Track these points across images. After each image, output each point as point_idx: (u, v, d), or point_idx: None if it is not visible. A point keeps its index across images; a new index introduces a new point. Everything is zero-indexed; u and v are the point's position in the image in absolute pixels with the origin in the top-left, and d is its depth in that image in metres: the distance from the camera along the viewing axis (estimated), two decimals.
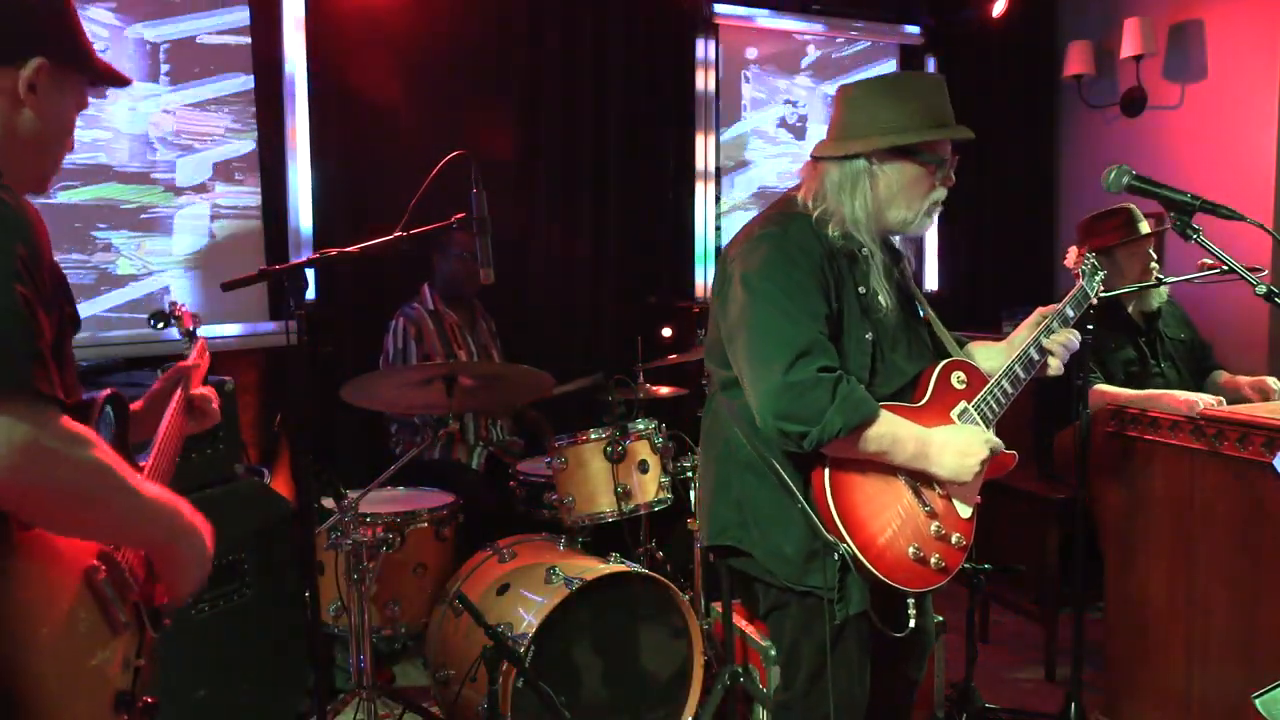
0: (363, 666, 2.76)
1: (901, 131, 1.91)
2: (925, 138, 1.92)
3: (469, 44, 4.16)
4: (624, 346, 3.76)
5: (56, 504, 1.14)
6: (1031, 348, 2.11)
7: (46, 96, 1.29)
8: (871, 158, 1.94)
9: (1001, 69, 5.28)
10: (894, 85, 2.00)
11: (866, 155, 1.93)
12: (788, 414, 1.80)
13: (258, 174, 3.82)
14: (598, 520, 3.02)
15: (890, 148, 1.92)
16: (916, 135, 1.92)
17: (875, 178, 1.94)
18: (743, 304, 1.91)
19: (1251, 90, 4.35)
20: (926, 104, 1.94)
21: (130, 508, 1.23)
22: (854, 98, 1.99)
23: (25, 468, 1.07)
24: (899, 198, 1.96)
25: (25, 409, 1.07)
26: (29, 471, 1.08)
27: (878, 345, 1.96)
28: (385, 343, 3.68)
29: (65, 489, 1.13)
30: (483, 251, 2.28)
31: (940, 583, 1.93)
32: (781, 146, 4.94)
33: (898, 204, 1.97)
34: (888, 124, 1.92)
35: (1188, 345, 3.39)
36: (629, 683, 2.78)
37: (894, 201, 1.96)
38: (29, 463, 1.07)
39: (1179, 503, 2.53)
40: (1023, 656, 3.63)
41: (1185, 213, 2.04)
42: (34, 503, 1.12)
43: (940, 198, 2.00)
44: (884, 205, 1.96)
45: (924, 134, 1.92)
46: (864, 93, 1.98)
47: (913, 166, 1.95)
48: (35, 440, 1.07)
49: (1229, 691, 2.40)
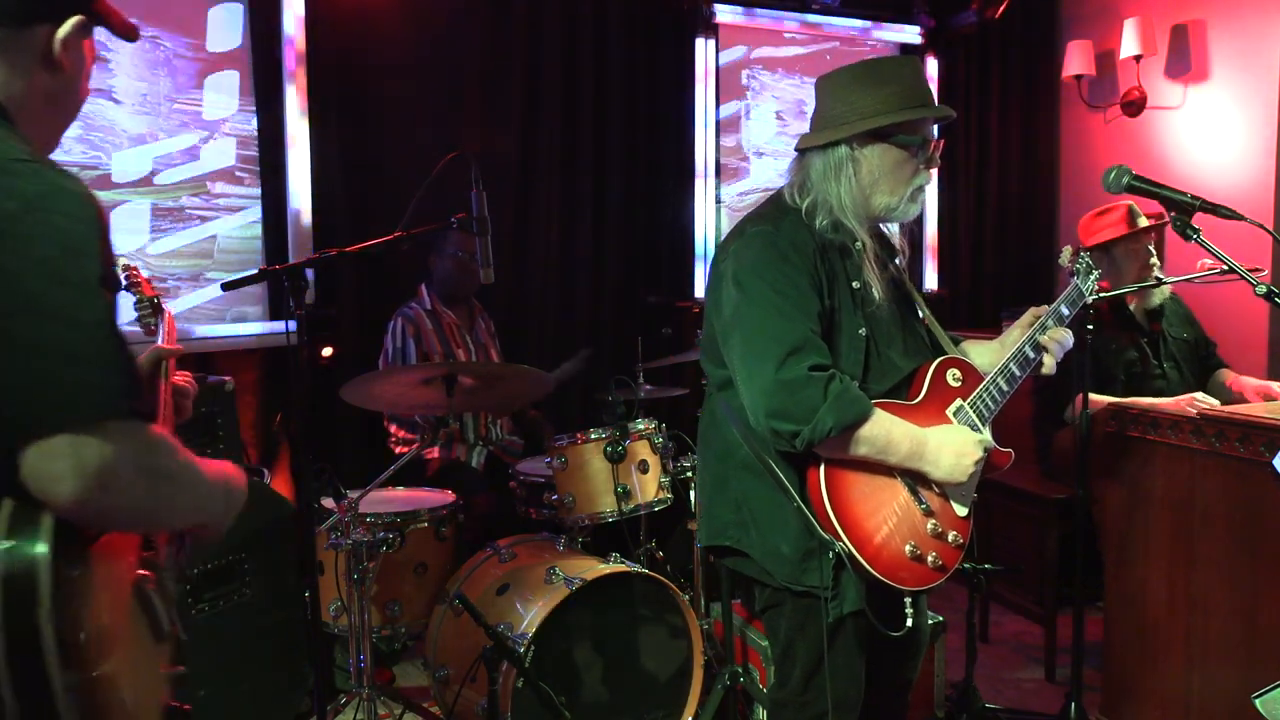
0: (363, 666, 2.76)
1: (879, 115, 1.92)
2: (902, 118, 1.93)
3: (469, 44, 4.16)
4: (624, 346, 3.75)
5: (149, 513, 1.12)
6: (1026, 345, 2.11)
7: (76, 53, 1.22)
8: (852, 143, 1.94)
9: (1001, 69, 5.28)
10: (869, 70, 2.00)
11: (847, 141, 1.94)
12: (779, 412, 1.80)
13: (258, 174, 3.82)
14: (598, 520, 3.02)
15: (869, 131, 1.93)
16: (893, 116, 1.92)
17: (858, 163, 1.95)
18: (735, 302, 1.91)
19: (1251, 90, 4.35)
20: (902, 86, 1.95)
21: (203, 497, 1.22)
22: (831, 87, 2.00)
23: (126, 489, 1.04)
24: (882, 182, 1.96)
25: (124, 430, 1.04)
26: (129, 491, 1.05)
27: (872, 340, 1.95)
28: (384, 343, 3.68)
29: (159, 499, 1.11)
30: (483, 251, 2.28)
31: (937, 581, 1.92)
32: (781, 146, 4.94)
33: (882, 188, 1.97)
34: (865, 109, 1.93)
35: (1191, 344, 3.39)
36: (629, 683, 2.78)
37: (878, 186, 1.96)
38: (129, 483, 1.04)
39: (1179, 503, 2.53)
40: (1023, 656, 3.63)
41: (1185, 213, 2.04)
42: (130, 516, 1.10)
43: (924, 182, 2.00)
44: (869, 190, 1.96)
45: (901, 114, 1.92)
46: (840, 81, 1.99)
47: (894, 150, 1.95)
48: (134, 460, 1.04)
49: (1229, 692, 2.40)
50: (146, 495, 1.09)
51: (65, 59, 1.19)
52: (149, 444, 1.08)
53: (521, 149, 4.29)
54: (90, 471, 1.00)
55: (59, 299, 1.00)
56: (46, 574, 1.00)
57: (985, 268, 5.35)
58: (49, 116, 1.21)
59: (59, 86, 1.20)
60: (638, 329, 3.76)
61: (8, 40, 1.15)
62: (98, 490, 1.01)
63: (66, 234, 1.03)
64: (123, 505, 1.06)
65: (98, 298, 1.03)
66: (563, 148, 4.38)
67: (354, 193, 3.95)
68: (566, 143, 4.38)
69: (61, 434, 0.99)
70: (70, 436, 0.99)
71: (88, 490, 1.00)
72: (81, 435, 1.00)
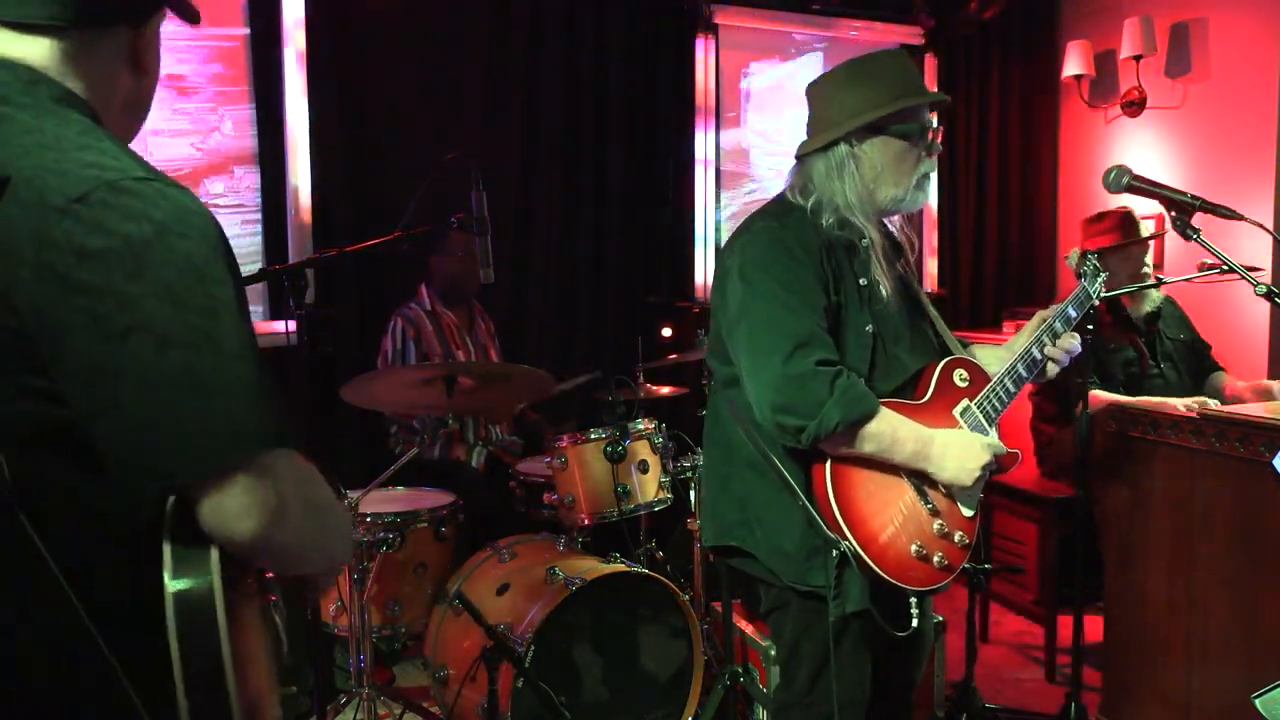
0: (363, 666, 2.76)
1: (871, 109, 1.92)
2: (895, 108, 1.93)
3: (470, 44, 4.16)
4: (624, 346, 3.76)
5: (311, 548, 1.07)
6: (1034, 347, 2.11)
7: (154, 51, 1.15)
8: (850, 140, 1.95)
9: (1001, 69, 5.28)
10: (855, 69, 2.00)
11: (844, 139, 1.94)
12: (785, 406, 1.80)
13: (258, 173, 3.82)
14: (598, 520, 3.02)
15: (865, 125, 1.93)
16: (885, 108, 1.92)
17: (859, 159, 1.95)
18: (740, 297, 1.91)
19: (1251, 90, 4.35)
20: (891, 79, 1.95)
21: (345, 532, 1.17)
22: (821, 91, 2.01)
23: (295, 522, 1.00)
24: (886, 175, 1.96)
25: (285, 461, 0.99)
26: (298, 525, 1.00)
27: (879, 338, 1.94)
28: (383, 343, 3.68)
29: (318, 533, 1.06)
30: (483, 252, 2.28)
31: (943, 581, 1.91)
32: (781, 146, 4.94)
33: (886, 181, 1.96)
34: (856, 106, 1.93)
35: (1187, 345, 3.39)
36: (629, 683, 2.78)
37: (882, 179, 1.96)
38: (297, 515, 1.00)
39: (1179, 503, 2.53)
40: (1023, 656, 3.64)
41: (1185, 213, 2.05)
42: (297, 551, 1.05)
43: (929, 169, 2.00)
44: (874, 185, 1.96)
45: (893, 105, 1.93)
46: (829, 84, 2.00)
47: (894, 141, 1.95)
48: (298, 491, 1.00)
49: (1229, 691, 2.39)
50: (311, 528, 1.05)
51: (147, 59, 1.14)
52: (307, 474, 1.04)
53: (522, 149, 4.29)
54: (271, 507, 0.96)
55: (200, 328, 0.94)
56: (222, 606, 0.97)
57: (985, 268, 5.35)
58: (127, 119, 1.16)
59: (140, 87, 1.15)
60: (638, 329, 3.76)
61: (93, 44, 1.07)
62: (277, 525, 0.97)
63: (203, 259, 0.96)
64: (292, 541, 1.02)
65: (239, 323, 0.97)
66: (563, 148, 4.38)
67: (354, 192, 3.95)
68: (567, 143, 4.38)
69: (239, 471, 0.95)
70: (246, 473, 0.95)
71: (268, 526, 0.97)
72: (255, 470, 0.96)
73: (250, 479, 0.95)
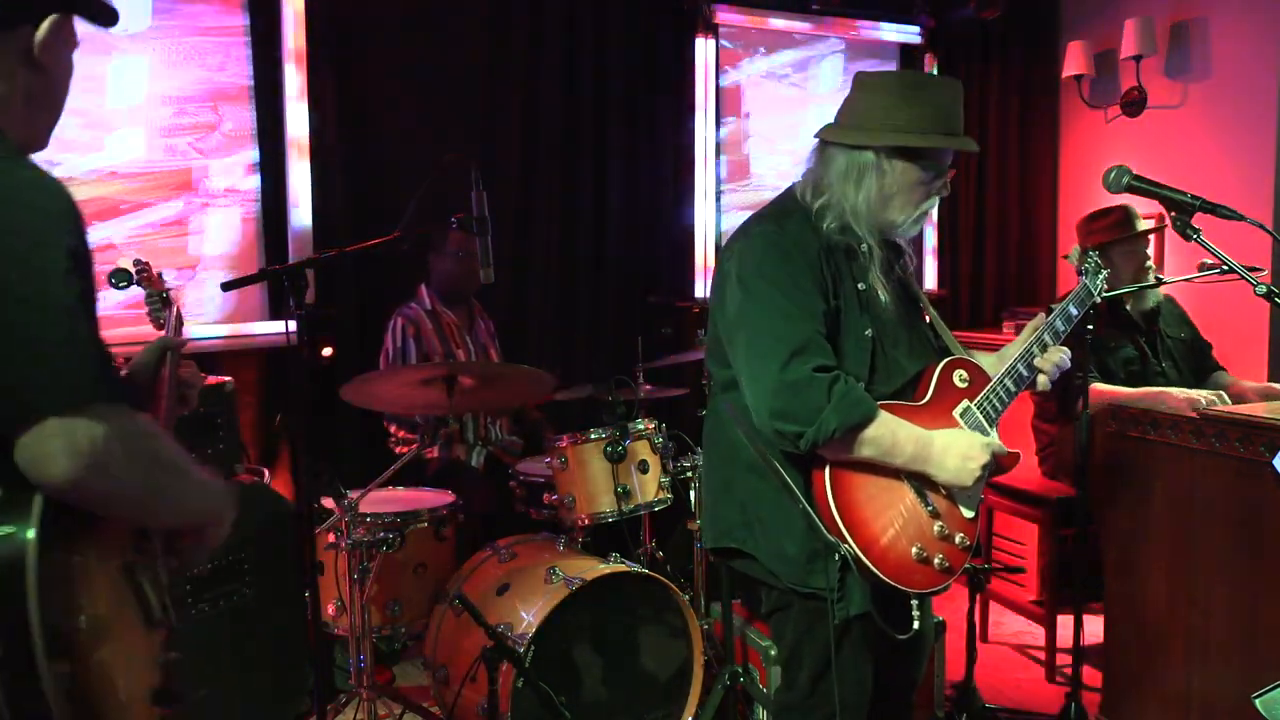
0: (363, 666, 2.76)
1: (913, 133, 1.89)
2: (934, 144, 1.91)
3: (470, 44, 4.16)
4: (624, 346, 3.75)
5: (145, 499, 1.16)
6: (1035, 345, 2.11)
7: (57, 51, 1.23)
8: (880, 152, 1.92)
9: (1001, 69, 5.27)
10: (914, 85, 1.97)
11: (876, 150, 1.92)
12: (783, 413, 1.80)
13: (258, 174, 3.82)
14: (598, 520, 3.02)
15: (899, 146, 1.91)
16: (927, 140, 1.90)
17: (882, 174, 1.92)
18: (739, 302, 1.90)
19: (1251, 90, 4.34)
20: (942, 111, 1.92)
21: (197, 490, 1.25)
22: (872, 89, 1.96)
23: (120, 471, 1.08)
24: (898, 198, 1.95)
25: (111, 412, 1.07)
26: (124, 474, 1.09)
27: (878, 342, 1.94)
28: (384, 343, 3.68)
29: (154, 485, 1.15)
30: (483, 251, 2.28)
31: (944, 583, 1.91)
32: (781, 146, 4.94)
33: (896, 204, 1.95)
34: (901, 123, 1.90)
35: (1188, 344, 3.39)
36: (629, 683, 2.78)
37: (893, 201, 1.95)
38: (122, 465, 1.08)
39: (1179, 503, 2.53)
40: (1023, 656, 3.64)
41: (1185, 213, 2.05)
42: (126, 500, 1.13)
43: (931, 208, 2.00)
44: (885, 202, 1.94)
45: (934, 140, 1.90)
46: (883, 86, 1.96)
47: (916, 170, 1.93)
48: (125, 442, 1.08)
49: (1229, 691, 2.40)
50: (143, 479, 1.13)
51: (46, 58, 1.21)
52: (139, 428, 1.13)
53: (522, 149, 4.29)
54: (82, 450, 1.03)
55: (26, 287, 1.04)
56: (34, 561, 1.03)
57: (985, 268, 5.35)
58: (33, 115, 1.23)
59: (41, 85, 1.22)
60: (638, 329, 3.76)
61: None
62: (91, 470, 1.05)
63: (33, 226, 1.07)
64: (118, 489, 1.10)
65: (66, 285, 1.06)
66: (563, 147, 4.37)
67: (354, 192, 3.95)
68: (567, 142, 4.38)
69: (52, 417, 1.03)
70: (60, 419, 1.03)
71: (81, 470, 1.04)
72: (70, 417, 1.04)
73: (65, 424, 1.03)
